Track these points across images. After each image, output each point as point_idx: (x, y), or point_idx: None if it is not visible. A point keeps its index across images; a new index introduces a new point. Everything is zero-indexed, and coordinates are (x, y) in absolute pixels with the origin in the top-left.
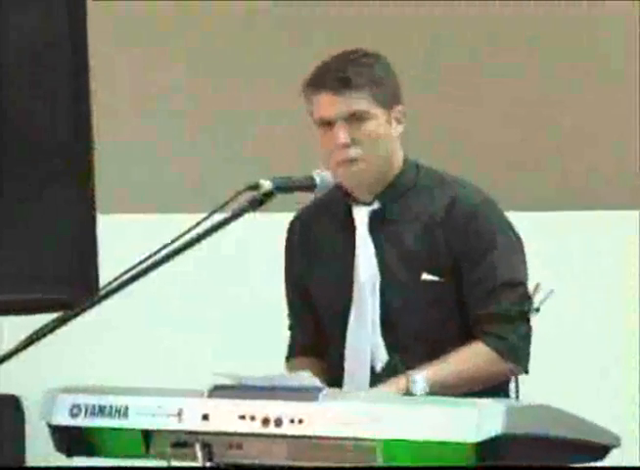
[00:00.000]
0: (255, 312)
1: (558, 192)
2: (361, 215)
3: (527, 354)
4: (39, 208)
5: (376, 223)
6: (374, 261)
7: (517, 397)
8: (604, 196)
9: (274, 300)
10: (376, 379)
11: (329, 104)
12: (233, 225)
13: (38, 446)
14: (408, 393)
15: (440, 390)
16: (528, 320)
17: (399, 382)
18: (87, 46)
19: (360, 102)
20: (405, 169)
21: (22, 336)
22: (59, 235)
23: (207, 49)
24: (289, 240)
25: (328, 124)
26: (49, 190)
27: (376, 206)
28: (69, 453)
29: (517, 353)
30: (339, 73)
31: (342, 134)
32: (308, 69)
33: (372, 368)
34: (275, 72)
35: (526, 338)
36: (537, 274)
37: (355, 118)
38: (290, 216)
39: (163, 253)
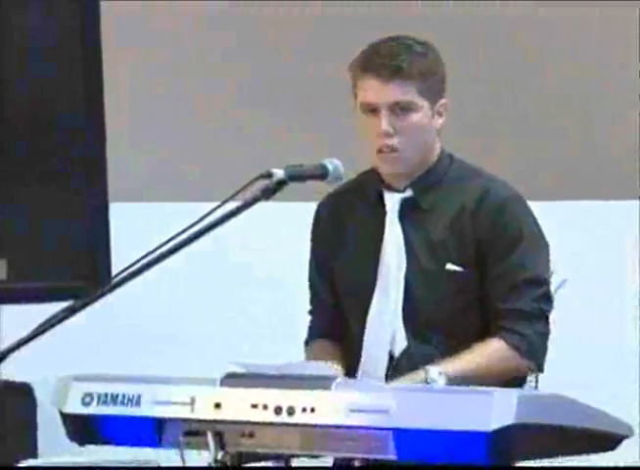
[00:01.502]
0: (267, 302)
1: (564, 181)
2: (392, 202)
3: (544, 353)
4: (51, 197)
5: (406, 211)
6: (401, 248)
7: (536, 388)
8: (611, 186)
9: (286, 289)
10: (393, 364)
11: (376, 90)
12: (245, 214)
13: (49, 434)
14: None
15: (456, 385)
16: (547, 319)
17: (417, 376)
18: (100, 39)
19: (408, 93)
20: (440, 160)
21: (20, 328)
22: (71, 224)
23: (222, 37)
24: (316, 221)
25: (372, 110)
26: (61, 179)
27: (408, 194)
28: (81, 442)
29: (534, 351)
30: (390, 60)
31: (385, 122)
32: (319, 63)
33: (390, 353)
34: (288, 63)
35: (544, 336)
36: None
37: (400, 108)
38: (301, 206)
39: (175, 242)
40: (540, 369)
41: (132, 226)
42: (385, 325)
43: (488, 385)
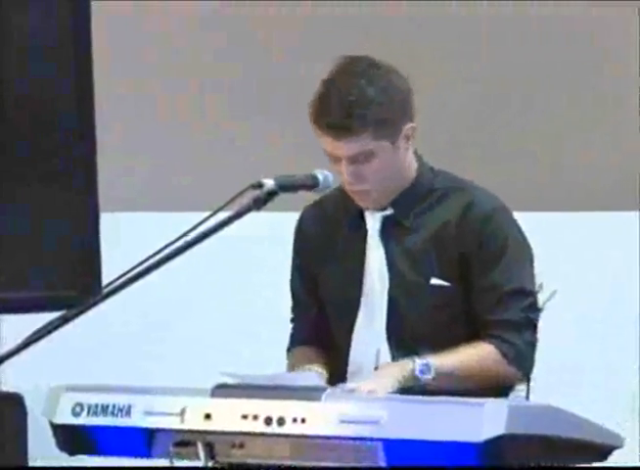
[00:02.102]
0: (260, 311)
1: (558, 192)
2: (373, 221)
3: (532, 362)
4: (43, 207)
5: (388, 228)
6: (384, 266)
7: (527, 398)
8: (605, 197)
9: (278, 298)
10: None
11: (332, 146)
12: (236, 224)
13: (39, 445)
14: (413, 376)
15: (444, 379)
16: (535, 329)
17: (406, 365)
18: (90, 44)
19: (361, 144)
20: (421, 176)
21: (20, 336)
22: (62, 234)
23: (213, 45)
24: (299, 230)
25: (334, 158)
26: (52, 190)
27: (388, 212)
28: (71, 452)
29: (521, 359)
30: (341, 119)
31: (348, 173)
32: (312, 67)
33: (376, 369)
34: (281, 72)
35: (532, 346)
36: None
37: (359, 156)
38: (290, 216)
39: (166, 251)
40: (527, 378)
41: (124, 236)
42: (369, 343)
43: (474, 386)
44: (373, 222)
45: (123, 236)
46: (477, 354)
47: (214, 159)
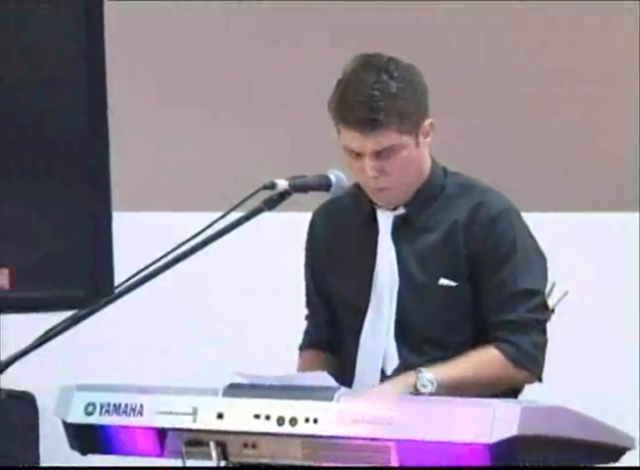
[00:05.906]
0: (272, 312)
1: (561, 193)
2: (385, 220)
3: (541, 363)
4: (55, 207)
5: (399, 228)
6: (394, 266)
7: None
8: (607, 198)
9: (290, 297)
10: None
11: (357, 141)
12: (248, 224)
13: (51, 444)
14: (415, 390)
15: (448, 391)
16: (544, 329)
17: (408, 378)
18: (104, 43)
19: (388, 138)
20: (433, 176)
21: (24, 336)
22: (74, 234)
23: (223, 44)
24: (311, 231)
25: (356, 154)
26: (65, 189)
27: (400, 212)
28: (84, 451)
29: (530, 362)
30: (368, 114)
31: (370, 168)
32: (324, 68)
33: (383, 371)
34: (297, 74)
35: (541, 346)
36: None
37: (384, 151)
38: (301, 216)
39: (178, 251)
40: (539, 379)
41: (134, 236)
42: (377, 344)
43: (481, 393)
44: (385, 222)
45: (135, 236)
46: (482, 364)
47: (227, 158)
